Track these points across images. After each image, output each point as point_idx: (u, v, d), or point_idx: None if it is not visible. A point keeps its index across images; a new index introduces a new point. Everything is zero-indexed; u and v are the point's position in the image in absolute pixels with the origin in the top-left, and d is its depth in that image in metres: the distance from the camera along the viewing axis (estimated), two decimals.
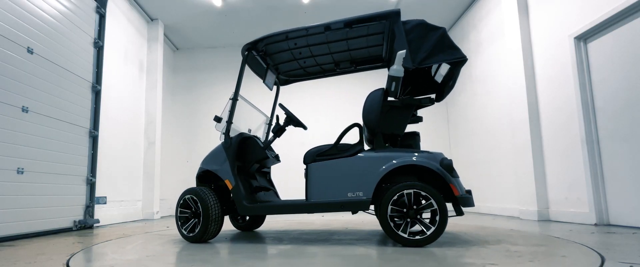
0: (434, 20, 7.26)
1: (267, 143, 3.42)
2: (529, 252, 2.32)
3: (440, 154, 2.79)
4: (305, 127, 3.53)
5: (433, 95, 3.89)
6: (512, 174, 5.55)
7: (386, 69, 8.19)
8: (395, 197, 2.63)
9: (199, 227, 3.05)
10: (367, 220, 5.20)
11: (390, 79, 2.75)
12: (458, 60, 2.77)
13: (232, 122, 3.22)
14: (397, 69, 2.71)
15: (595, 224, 3.95)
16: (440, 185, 2.88)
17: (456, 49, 2.79)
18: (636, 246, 2.50)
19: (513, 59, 5.13)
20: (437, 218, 2.58)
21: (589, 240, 2.81)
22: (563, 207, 4.45)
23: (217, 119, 3.18)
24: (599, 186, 4.00)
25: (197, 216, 3.10)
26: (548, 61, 4.67)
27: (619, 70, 3.79)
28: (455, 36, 7.44)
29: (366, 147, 7.00)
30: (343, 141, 7.86)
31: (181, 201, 3.17)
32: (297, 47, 3.47)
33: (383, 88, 2.93)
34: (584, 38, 4.19)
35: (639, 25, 3.56)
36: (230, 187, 3.08)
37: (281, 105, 3.32)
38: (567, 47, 4.35)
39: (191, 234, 3.10)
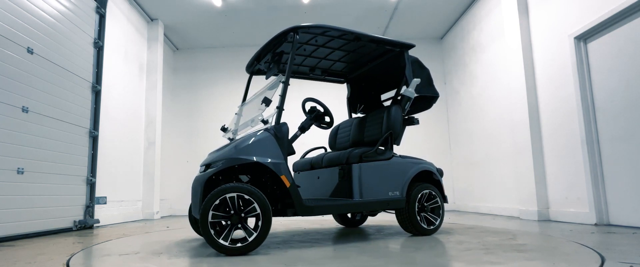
0: (434, 20, 7.26)
1: (293, 138, 3.36)
2: (529, 252, 2.32)
3: (431, 163, 3.53)
4: (330, 126, 3.52)
5: (417, 116, 4.38)
6: (512, 174, 5.55)
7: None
8: (419, 196, 3.29)
9: (255, 234, 2.45)
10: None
11: (406, 98, 3.35)
12: (434, 96, 3.57)
13: (283, 109, 2.80)
14: (412, 91, 3.34)
15: (595, 224, 3.95)
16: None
17: (434, 87, 3.56)
18: (636, 246, 2.49)
19: (513, 59, 5.13)
20: (441, 212, 3.41)
21: (589, 240, 2.81)
22: (563, 207, 4.45)
23: (267, 102, 2.74)
24: (599, 186, 4.00)
25: (248, 219, 2.50)
26: (548, 61, 4.67)
27: (619, 70, 3.79)
28: (455, 36, 7.44)
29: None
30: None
31: (217, 201, 2.44)
32: (312, 44, 3.42)
33: (396, 105, 3.40)
34: (584, 38, 4.19)
35: (639, 25, 3.56)
36: (288, 184, 2.64)
37: (312, 99, 3.23)
38: (567, 47, 4.35)
39: (240, 245, 2.42)
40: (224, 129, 3.34)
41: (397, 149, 7.99)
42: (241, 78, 8.23)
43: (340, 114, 7.96)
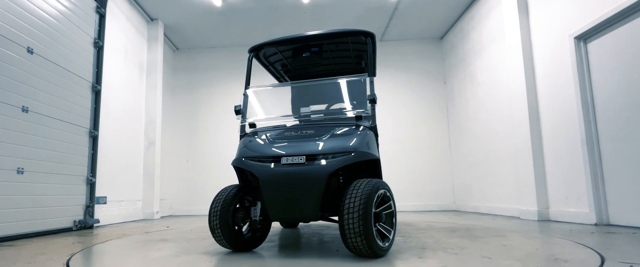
0: (434, 20, 7.26)
1: None
2: (529, 252, 2.31)
3: None
4: None
5: None
6: (512, 174, 5.55)
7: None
8: None
9: (393, 231, 2.35)
10: None
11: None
12: None
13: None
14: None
15: (595, 224, 3.95)
16: None
17: None
18: (636, 246, 2.49)
19: (513, 59, 5.13)
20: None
21: (589, 240, 2.81)
22: (563, 207, 4.45)
23: (375, 100, 2.68)
24: (599, 186, 4.00)
25: (381, 218, 2.30)
26: (548, 61, 4.67)
27: (619, 70, 3.79)
28: (455, 36, 7.44)
29: None
30: None
31: (377, 199, 2.21)
32: (331, 49, 3.51)
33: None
34: (584, 38, 4.19)
35: (639, 25, 3.56)
36: None
37: None
38: (567, 47, 4.35)
39: (387, 244, 2.26)
40: (239, 112, 2.95)
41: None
42: (241, 78, 8.23)
43: None
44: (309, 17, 7.08)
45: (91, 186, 4.72)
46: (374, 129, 2.66)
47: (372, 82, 2.74)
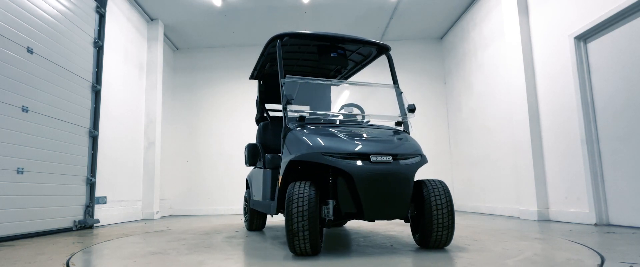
0: (434, 20, 7.26)
1: None
2: (529, 252, 2.32)
3: None
4: None
5: None
6: (512, 174, 5.55)
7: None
8: None
9: None
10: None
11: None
12: None
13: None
14: None
15: (595, 224, 3.95)
16: None
17: None
18: (636, 246, 2.50)
19: (513, 58, 5.13)
20: None
21: (589, 240, 2.81)
22: (563, 207, 4.45)
23: (414, 109, 2.85)
24: (599, 186, 4.00)
25: None
26: (548, 61, 4.68)
27: (619, 70, 3.79)
28: (455, 36, 7.44)
29: None
30: None
31: None
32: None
33: None
34: (584, 38, 4.19)
35: (639, 25, 3.56)
36: None
37: (354, 105, 3.42)
38: (567, 47, 4.35)
39: None
40: (290, 102, 2.69)
41: None
42: (241, 78, 8.23)
43: None
44: (309, 18, 7.08)
45: (91, 185, 4.72)
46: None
47: (400, 94, 3.00)
